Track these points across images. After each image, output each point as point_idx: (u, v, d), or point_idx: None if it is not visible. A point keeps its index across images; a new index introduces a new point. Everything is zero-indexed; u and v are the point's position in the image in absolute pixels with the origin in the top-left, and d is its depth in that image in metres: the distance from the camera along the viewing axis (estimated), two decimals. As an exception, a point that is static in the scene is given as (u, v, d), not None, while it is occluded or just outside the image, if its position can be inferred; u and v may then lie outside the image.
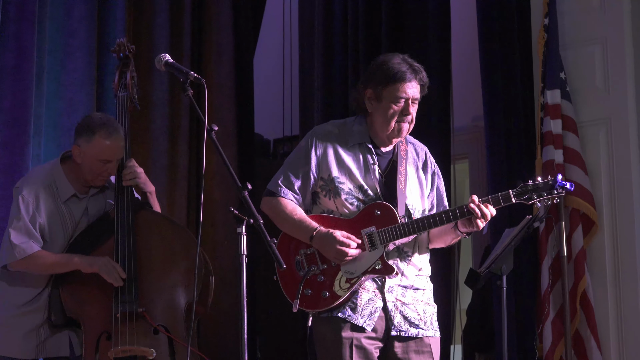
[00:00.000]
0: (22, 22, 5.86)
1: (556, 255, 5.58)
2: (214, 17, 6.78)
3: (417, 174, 4.27)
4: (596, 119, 5.71)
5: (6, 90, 5.79)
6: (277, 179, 4.25)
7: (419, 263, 4.21)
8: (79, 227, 4.69)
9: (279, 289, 4.22)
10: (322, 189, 4.18)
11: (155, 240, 4.70)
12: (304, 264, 4.14)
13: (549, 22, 5.76)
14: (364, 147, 4.20)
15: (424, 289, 4.22)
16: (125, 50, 4.96)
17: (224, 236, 6.45)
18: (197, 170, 6.52)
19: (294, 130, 8.00)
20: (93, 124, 4.65)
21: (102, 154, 4.61)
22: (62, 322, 4.59)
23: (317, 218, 4.17)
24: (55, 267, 4.58)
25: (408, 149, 4.29)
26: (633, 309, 5.51)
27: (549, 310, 5.55)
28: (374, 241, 4.07)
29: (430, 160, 4.36)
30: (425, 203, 4.27)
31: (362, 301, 4.08)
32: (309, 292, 4.11)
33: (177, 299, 4.58)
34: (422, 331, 4.15)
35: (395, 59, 4.13)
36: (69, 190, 4.68)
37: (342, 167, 4.16)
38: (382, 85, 4.11)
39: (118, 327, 4.48)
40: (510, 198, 4.08)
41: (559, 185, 4.10)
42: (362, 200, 4.13)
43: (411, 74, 4.09)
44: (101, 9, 6.27)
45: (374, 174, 4.16)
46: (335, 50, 6.78)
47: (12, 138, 5.80)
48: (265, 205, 4.28)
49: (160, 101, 6.46)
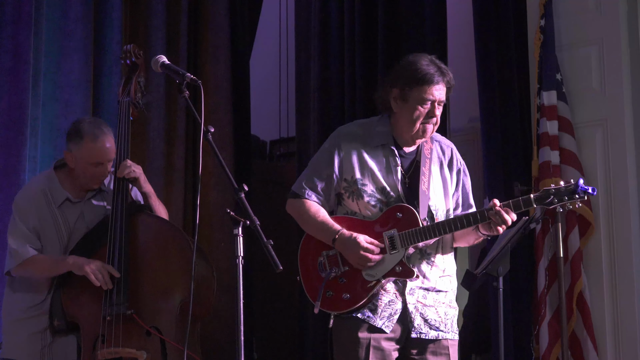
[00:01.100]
0: (18, 24, 5.86)
1: (553, 257, 5.58)
2: (210, 18, 6.78)
3: (441, 173, 4.24)
4: (592, 120, 5.71)
5: (2, 91, 5.79)
6: (301, 181, 4.25)
7: (442, 264, 4.18)
8: (75, 232, 4.69)
9: (276, 290, 4.22)
10: (346, 191, 4.17)
11: (150, 243, 4.69)
12: (326, 265, 4.14)
13: (545, 24, 5.76)
14: (387, 149, 4.18)
15: (446, 291, 4.19)
16: (132, 57, 4.92)
17: (221, 238, 6.44)
18: (193, 172, 6.52)
19: (290, 131, 8.01)
20: (81, 128, 4.66)
21: (91, 157, 4.62)
22: (65, 327, 4.57)
23: (340, 219, 4.16)
24: (51, 269, 4.59)
25: (433, 147, 4.27)
26: (629, 310, 5.51)
27: (545, 311, 5.55)
28: (394, 244, 4.05)
29: (457, 157, 4.32)
30: (450, 202, 4.23)
31: (382, 303, 4.07)
32: (330, 294, 4.11)
33: (170, 301, 4.56)
34: (442, 333, 4.13)
35: (424, 60, 4.11)
36: (61, 195, 4.69)
37: (365, 169, 4.15)
38: (409, 86, 4.08)
39: (107, 329, 4.46)
40: (531, 202, 4.04)
41: (581, 189, 4.03)
42: (385, 202, 4.11)
43: (439, 76, 4.07)
44: (97, 11, 6.27)
45: (396, 176, 4.13)
46: (332, 51, 6.78)
47: (9, 140, 5.80)
48: (290, 207, 4.29)
49: (156, 103, 6.46)
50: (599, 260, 5.61)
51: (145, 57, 6.24)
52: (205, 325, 6.32)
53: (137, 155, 6.13)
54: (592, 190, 4.05)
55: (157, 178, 6.28)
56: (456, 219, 4.06)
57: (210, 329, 6.34)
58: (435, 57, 4.16)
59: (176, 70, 3.76)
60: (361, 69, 6.58)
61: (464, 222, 4.04)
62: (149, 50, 6.40)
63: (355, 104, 6.56)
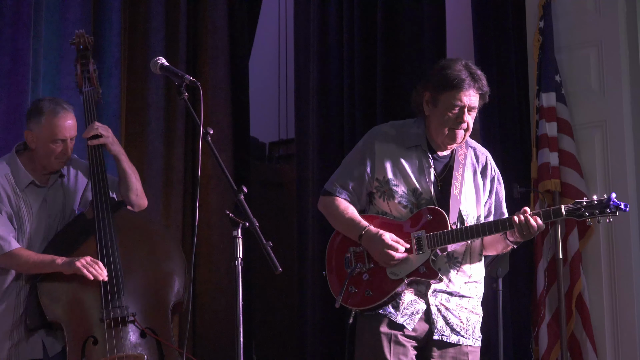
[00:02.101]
0: (17, 26, 5.85)
1: (552, 258, 5.59)
2: (210, 20, 6.78)
3: (474, 180, 4.21)
4: (591, 121, 5.71)
5: (1, 93, 5.78)
6: (333, 179, 4.25)
7: (469, 270, 4.15)
8: (37, 219, 4.60)
9: (275, 292, 4.21)
10: (377, 190, 4.15)
11: (136, 241, 4.65)
12: (352, 261, 4.13)
13: (544, 25, 5.77)
14: (420, 151, 4.15)
15: (470, 297, 4.15)
16: (85, 42, 4.85)
17: (220, 239, 6.44)
18: (192, 174, 6.52)
19: (290, 133, 8.01)
20: (41, 105, 4.61)
21: (52, 134, 4.56)
22: (38, 326, 4.51)
23: (369, 218, 4.15)
24: (36, 268, 4.50)
25: (467, 153, 4.24)
26: (628, 311, 5.51)
27: (544, 312, 5.55)
28: (421, 244, 4.03)
29: (491, 165, 4.29)
30: (481, 209, 4.20)
31: (404, 301, 4.05)
32: (353, 290, 4.09)
33: (162, 300, 4.55)
34: (463, 339, 4.11)
35: (457, 65, 4.04)
36: (26, 178, 4.61)
37: (397, 170, 4.12)
38: (439, 90, 4.04)
39: (106, 332, 4.42)
40: (562, 213, 3.98)
41: (614, 204, 3.98)
42: (416, 204, 4.09)
43: (470, 81, 4.00)
44: (96, 13, 6.26)
45: (429, 178, 4.11)
46: (331, 53, 6.78)
47: (8, 142, 5.77)
48: (321, 205, 4.28)
49: (155, 104, 6.45)
50: (598, 262, 5.61)
51: (144, 59, 6.29)
52: (205, 326, 6.35)
53: (135, 156, 6.13)
54: (625, 206, 3.98)
55: (156, 180, 6.28)
56: (485, 224, 4.04)
57: (210, 330, 6.35)
58: (471, 62, 4.10)
59: (175, 72, 3.75)
60: (360, 71, 6.58)
61: (492, 228, 4.01)
62: (147, 52, 6.40)
63: (354, 105, 6.57)
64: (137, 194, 4.79)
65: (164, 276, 4.61)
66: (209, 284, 6.39)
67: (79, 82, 4.84)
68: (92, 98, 4.78)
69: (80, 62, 4.86)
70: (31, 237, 4.60)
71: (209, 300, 6.38)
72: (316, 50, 6.81)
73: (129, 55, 6.36)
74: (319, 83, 6.78)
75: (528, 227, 3.95)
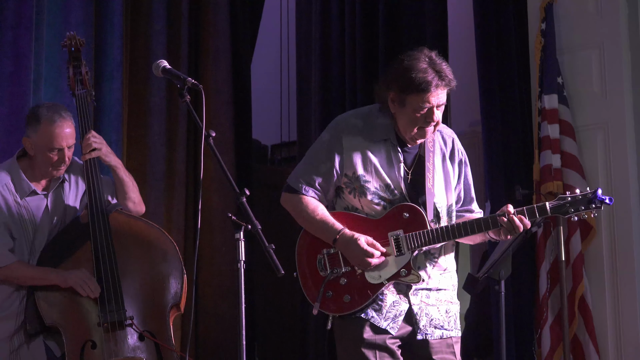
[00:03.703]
0: (19, 29, 5.85)
1: (554, 260, 5.58)
2: (211, 23, 6.77)
3: (443, 166, 4.08)
4: (593, 123, 5.71)
5: (3, 96, 5.78)
6: (297, 174, 4.12)
7: (445, 263, 4.07)
8: (40, 227, 4.58)
9: (278, 294, 4.19)
10: (347, 186, 4.01)
11: (131, 244, 4.61)
12: (327, 264, 4.02)
13: (546, 27, 5.77)
14: (389, 144, 4.01)
15: (446, 289, 4.07)
16: (77, 44, 4.79)
17: (222, 242, 6.44)
18: (194, 177, 6.52)
19: (292, 136, 8.02)
20: (39, 112, 4.55)
21: (49, 142, 4.51)
22: (38, 331, 4.49)
23: (340, 216, 4.02)
24: (32, 281, 4.49)
25: (435, 138, 4.08)
26: (631, 314, 5.51)
27: (547, 315, 5.55)
28: (400, 246, 3.92)
29: (458, 147, 4.15)
30: (451, 197, 4.08)
31: (386, 303, 3.96)
32: (330, 295, 3.98)
33: (159, 303, 4.53)
34: (446, 332, 4.04)
35: (421, 64, 3.88)
36: (27, 186, 4.58)
37: (367, 165, 3.98)
38: (404, 93, 3.88)
39: (104, 336, 4.41)
40: (547, 210, 3.92)
41: (598, 199, 3.92)
42: (389, 200, 3.96)
43: (438, 82, 3.85)
44: (98, 16, 6.26)
45: (399, 173, 3.98)
46: (333, 56, 6.79)
47: (10, 145, 5.78)
48: (285, 201, 4.14)
49: (157, 107, 6.45)
50: (601, 264, 5.61)
51: (146, 61, 6.29)
52: (207, 329, 6.35)
53: (137, 159, 6.14)
54: (610, 200, 3.94)
55: (158, 183, 6.28)
56: (467, 224, 3.93)
57: (213, 333, 6.35)
58: (434, 55, 3.96)
59: (177, 74, 3.75)
60: (362, 73, 6.58)
61: (475, 227, 3.92)
62: (149, 55, 6.40)
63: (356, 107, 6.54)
64: (134, 202, 4.76)
65: (161, 278, 4.58)
66: (211, 286, 6.38)
67: (71, 84, 4.77)
68: (86, 100, 4.73)
69: (72, 65, 4.79)
70: (34, 245, 4.59)
71: (212, 303, 6.38)
72: (318, 53, 6.82)
73: (130, 58, 6.36)
74: (320, 85, 6.78)
75: (513, 228, 3.89)
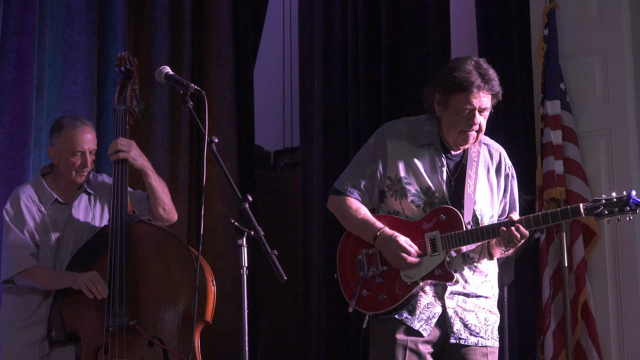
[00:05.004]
0: (22, 35, 5.87)
1: (557, 266, 5.58)
2: (214, 29, 6.78)
3: (488, 178, 4.12)
4: (596, 129, 5.71)
5: (6, 103, 5.80)
6: (343, 177, 4.15)
7: (486, 269, 4.07)
8: (64, 236, 4.68)
9: (281, 300, 4.19)
10: (389, 189, 4.06)
11: (150, 253, 4.66)
12: (365, 264, 4.03)
13: (548, 33, 5.77)
14: (432, 149, 4.06)
15: (487, 297, 4.07)
16: (126, 64, 4.91)
17: (225, 248, 6.44)
18: (197, 182, 6.52)
19: (294, 142, 8.01)
20: (61, 121, 4.78)
21: (71, 146, 4.66)
22: (63, 338, 4.55)
23: (381, 218, 4.06)
24: (50, 283, 4.60)
25: (481, 150, 4.14)
26: (634, 319, 5.50)
27: (550, 321, 5.55)
28: (436, 246, 3.94)
29: (505, 162, 4.20)
30: (496, 209, 4.11)
31: (420, 305, 3.96)
32: (367, 294, 4.00)
33: (171, 311, 4.55)
34: (482, 340, 4.02)
35: (467, 66, 3.96)
36: (50, 196, 4.71)
37: (409, 168, 4.03)
38: (448, 93, 3.96)
39: (112, 340, 4.45)
40: (580, 212, 3.89)
41: (633, 202, 3.89)
42: (429, 203, 4.00)
43: (480, 83, 3.93)
44: (101, 22, 6.28)
45: (441, 177, 4.02)
46: (336, 61, 6.78)
47: (13, 151, 5.80)
48: (331, 204, 4.18)
49: (160, 113, 6.46)
50: (604, 270, 5.60)
51: (149, 68, 6.29)
52: (210, 335, 6.34)
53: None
54: None
55: (161, 188, 6.28)
56: (501, 223, 3.94)
57: (215, 339, 6.34)
58: (482, 61, 4.03)
59: (180, 80, 3.76)
60: (365, 79, 6.58)
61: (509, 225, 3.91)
62: (152, 61, 6.41)
63: (359, 114, 6.56)
64: (164, 208, 4.86)
65: (175, 286, 4.61)
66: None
67: (115, 101, 4.87)
68: (123, 117, 4.79)
69: (120, 83, 4.92)
70: (59, 252, 4.67)
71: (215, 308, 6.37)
72: (321, 59, 6.82)
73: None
74: (323, 91, 6.78)
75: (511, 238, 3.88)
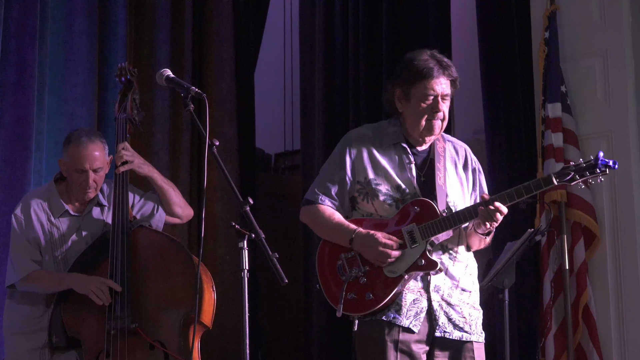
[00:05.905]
0: (23, 38, 5.87)
1: (558, 269, 5.58)
2: (215, 31, 6.79)
3: (456, 172, 4.17)
4: (597, 131, 5.70)
5: (7, 105, 5.81)
6: (313, 188, 4.17)
7: (465, 259, 4.11)
8: (72, 245, 4.68)
9: (281, 302, 4.18)
10: (360, 193, 4.09)
11: (152, 257, 4.67)
12: (346, 268, 4.03)
13: (549, 35, 5.77)
14: (399, 147, 4.10)
15: (470, 291, 4.10)
16: (127, 74, 4.92)
17: (225, 251, 6.44)
18: (198, 185, 6.53)
19: (295, 144, 8.01)
20: (73, 134, 4.71)
21: (73, 163, 4.64)
22: (65, 344, 4.55)
23: (355, 221, 4.07)
24: (52, 286, 4.59)
25: (446, 146, 4.19)
26: (635, 322, 5.50)
27: (551, 323, 5.54)
28: (414, 237, 3.95)
29: (471, 157, 4.24)
30: (467, 201, 4.14)
31: (407, 302, 3.97)
32: (352, 296, 3.99)
33: (173, 315, 4.55)
34: (467, 335, 4.04)
35: (423, 56, 4.05)
36: (60, 207, 4.70)
37: (377, 169, 4.07)
38: (409, 84, 4.03)
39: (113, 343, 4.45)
40: (552, 180, 3.91)
41: (602, 163, 3.90)
42: (401, 200, 4.02)
43: (439, 69, 4.02)
44: (102, 25, 6.29)
45: (411, 173, 4.06)
46: (336, 64, 6.79)
47: (14, 153, 5.80)
48: (304, 215, 4.21)
49: (161, 116, 6.47)
50: (605, 272, 5.60)
51: (150, 70, 6.30)
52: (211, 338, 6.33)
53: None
54: (613, 163, 3.91)
55: (162, 191, 6.28)
56: (478, 203, 3.96)
57: (216, 342, 6.34)
58: (436, 52, 4.11)
59: (181, 83, 3.76)
60: (365, 82, 6.58)
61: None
62: (153, 63, 6.42)
63: (359, 116, 6.57)
64: (180, 206, 4.91)
65: (175, 291, 4.61)
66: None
67: (115, 110, 4.88)
68: (124, 125, 4.80)
69: (120, 93, 4.92)
70: (66, 264, 4.66)
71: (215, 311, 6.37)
72: (322, 61, 6.82)
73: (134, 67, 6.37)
74: (324, 94, 6.79)
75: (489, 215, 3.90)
